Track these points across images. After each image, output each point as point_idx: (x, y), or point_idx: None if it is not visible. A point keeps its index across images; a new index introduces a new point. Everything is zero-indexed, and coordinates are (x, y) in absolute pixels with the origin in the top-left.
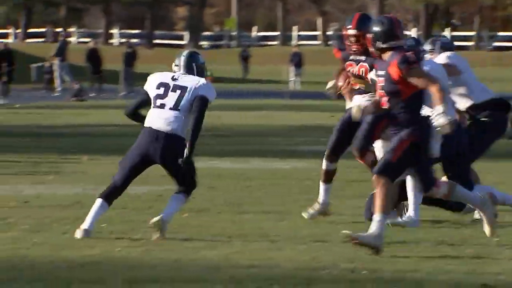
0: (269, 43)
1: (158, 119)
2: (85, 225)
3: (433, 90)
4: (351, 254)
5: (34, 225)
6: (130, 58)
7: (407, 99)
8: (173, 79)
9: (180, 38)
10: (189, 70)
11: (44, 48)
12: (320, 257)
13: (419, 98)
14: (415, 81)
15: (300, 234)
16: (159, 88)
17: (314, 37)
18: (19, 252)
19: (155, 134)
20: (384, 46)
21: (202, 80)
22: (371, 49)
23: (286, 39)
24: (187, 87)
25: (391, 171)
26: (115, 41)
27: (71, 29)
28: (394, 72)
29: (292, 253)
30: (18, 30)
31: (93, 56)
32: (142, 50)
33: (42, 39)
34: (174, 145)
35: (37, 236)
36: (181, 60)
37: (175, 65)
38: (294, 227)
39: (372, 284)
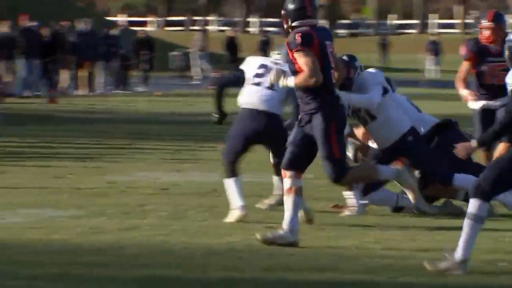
0: (407, 31)
1: (254, 96)
2: (238, 204)
3: (302, 74)
4: (490, 245)
5: (171, 212)
6: (265, 46)
7: None
8: (275, 63)
9: None
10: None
11: (183, 37)
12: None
13: (324, 77)
14: (299, 62)
15: (436, 224)
16: (260, 68)
17: (452, 25)
18: (156, 238)
19: (254, 113)
20: (295, 24)
21: None
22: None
23: (424, 27)
24: (287, 71)
25: (343, 167)
26: (253, 29)
27: (210, 18)
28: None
29: (427, 244)
30: (159, 19)
31: (231, 45)
32: (279, 38)
33: (182, 28)
34: (272, 124)
35: (174, 223)
36: (284, 51)
37: (278, 53)
38: (430, 217)
39: (507, 276)
